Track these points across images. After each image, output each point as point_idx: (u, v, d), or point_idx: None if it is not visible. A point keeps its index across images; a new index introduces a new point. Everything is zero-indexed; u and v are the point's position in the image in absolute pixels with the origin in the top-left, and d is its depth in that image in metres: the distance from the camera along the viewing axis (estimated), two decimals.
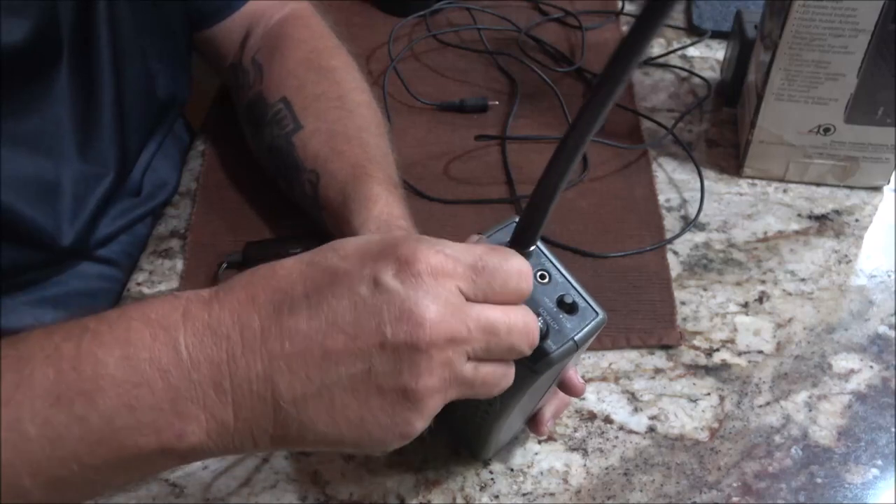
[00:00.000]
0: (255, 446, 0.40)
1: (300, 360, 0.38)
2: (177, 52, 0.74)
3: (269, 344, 0.38)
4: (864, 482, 0.57)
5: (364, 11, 0.96)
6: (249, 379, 0.38)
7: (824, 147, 0.75)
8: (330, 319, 0.38)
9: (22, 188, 0.59)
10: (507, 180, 0.77)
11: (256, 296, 0.39)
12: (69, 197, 0.63)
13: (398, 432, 0.40)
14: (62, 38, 0.60)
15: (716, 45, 0.93)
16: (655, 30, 0.33)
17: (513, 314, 0.41)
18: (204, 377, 0.38)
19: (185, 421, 0.38)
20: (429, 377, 0.39)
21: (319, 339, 0.38)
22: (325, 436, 0.39)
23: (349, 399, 0.39)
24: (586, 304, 0.46)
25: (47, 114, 0.61)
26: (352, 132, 0.67)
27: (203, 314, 0.39)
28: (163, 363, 0.38)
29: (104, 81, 0.63)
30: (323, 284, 0.39)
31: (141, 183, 0.73)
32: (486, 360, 0.41)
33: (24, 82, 0.59)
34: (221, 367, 0.38)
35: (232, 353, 0.38)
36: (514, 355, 0.42)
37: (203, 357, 0.38)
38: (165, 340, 0.38)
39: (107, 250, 0.70)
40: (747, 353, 0.64)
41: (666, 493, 0.56)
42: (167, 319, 0.39)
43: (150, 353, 0.38)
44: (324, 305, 0.38)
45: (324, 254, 0.40)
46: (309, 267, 0.40)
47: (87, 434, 0.38)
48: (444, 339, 0.38)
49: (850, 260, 0.72)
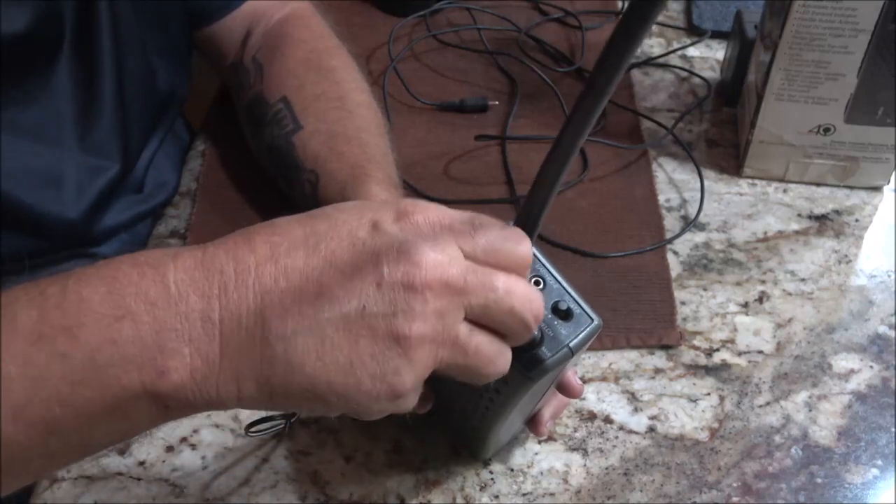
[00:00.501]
0: (238, 397, 0.38)
1: (294, 296, 0.38)
2: (177, 49, 0.74)
3: (263, 279, 0.38)
4: (864, 482, 0.57)
5: (364, 11, 0.96)
6: (240, 312, 0.37)
7: (824, 147, 0.75)
8: (327, 259, 0.38)
9: (23, 177, 0.60)
10: (507, 180, 0.77)
11: (253, 239, 0.39)
12: (71, 187, 0.63)
13: (387, 383, 0.38)
14: (64, 29, 0.60)
15: (716, 45, 0.93)
16: (647, 23, 0.33)
17: (513, 279, 0.40)
18: (192, 309, 0.37)
19: (169, 356, 0.37)
20: (422, 323, 0.38)
21: (315, 276, 0.38)
22: (312, 380, 0.38)
23: (340, 339, 0.38)
24: (581, 311, 0.46)
25: (48, 104, 0.61)
26: (352, 132, 0.67)
27: (197, 253, 0.38)
28: (149, 296, 0.37)
29: (105, 73, 0.63)
30: (322, 229, 0.39)
31: (143, 180, 0.73)
32: (483, 325, 0.40)
33: (26, 72, 0.59)
34: (211, 300, 0.37)
35: (224, 286, 0.38)
36: (515, 323, 0.41)
37: (193, 290, 0.37)
38: (153, 276, 0.37)
39: (107, 248, 0.70)
40: (747, 353, 0.64)
41: (666, 493, 0.56)
42: (157, 261, 0.38)
43: (137, 287, 0.37)
44: (321, 245, 0.38)
45: (323, 209, 0.41)
46: (308, 217, 0.40)
47: (69, 372, 0.37)
48: (440, 282, 0.38)
49: (850, 260, 0.72)
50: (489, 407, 0.49)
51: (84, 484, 0.56)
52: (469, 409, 0.51)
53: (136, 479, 0.56)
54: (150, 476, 0.56)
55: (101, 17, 0.62)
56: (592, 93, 0.35)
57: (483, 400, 0.49)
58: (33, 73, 0.60)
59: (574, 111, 0.37)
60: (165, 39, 0.71)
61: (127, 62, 0.65)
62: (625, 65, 0.35)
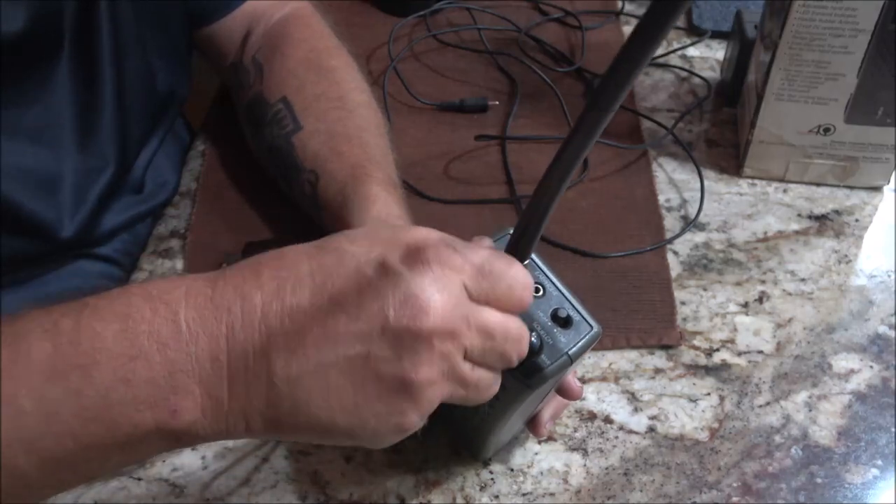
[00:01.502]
0: (247, 429, 0.39)
1: (299, 337, 0.38)
2: (177, 50, 0.74)
3: (269, 319, 0.38)
4: (864, 482, 0.57)
5: (364, 11, 0.96)
6: (246, 353, 0.38)
7: (824, 147, 0.75)
8: (333, 299, 0.38)
9: (22, 179, 0.59)
10: (507, 180, 0.77)
11: (261, 273, 0.39)
12: (70, 189, 0.63)
13: (393, 423, 0.39)
14: (64, 29, 0.60)
15: (716, 45, 0.93)
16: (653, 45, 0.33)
17: (510, 322, 0.41)
18: (202, 350, 0.38)
19: (181, 396, 0.38)
20: (428, 367, 0.38)
21: (321, 317, 0.38)
22: (317, 419, 0.39)
23: (345, 382, 0.38)
24: (581, 318, 0.46)
25: (48, 105, 0.61)
26: (352, 132, 0.67)
27: (206, 290, 0.39)
28: (161, 336, 0.38)
29: (105, 74, 0.63)
30: (329, 265, 0.39)
31: (143, 180, 0.73)
32: (478, 363, 0.41)
33: (26, 73, 0.59)
34: (220, 341, 0.38)
35: (231, 326, 0.38)
36: (503, 363, 0.42)
37: (202, 330, 0.38)
38: (166, 314, 0.38)
39: (107, 248, 0.70)
40: (747, 353, 0.64)
41: (666, 493, 0.56)
42: (169, 295, 0.38)
43: (150, 326, 0.38)
44: (328, 284, 0.38)
45: (333, 238, 0.40)
46: (317, 249, 0.40)
47: (82, 409, 0.37)
48: (445, 329, 0.38)
49: (850, 260, 0.72)
50: (489, 412, 0.49)
51: (84, 484, 0.56)
52: (469, 412, 0.51)
53: (136, 479, 0.56)
54: (150, 476, 0.56)
55: (101, 18, 0.62)
56: (595, 111, 0.35)
57: (483, 405, 0.49)
58: (34, 74, 0.59)
59: (575, 128, 0.36)
60: (165, 40, 0.71)
61: (126, 62, 0.65)
62: (629, 86, 0.34)
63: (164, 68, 0.72)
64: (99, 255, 0.70)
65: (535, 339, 0.44)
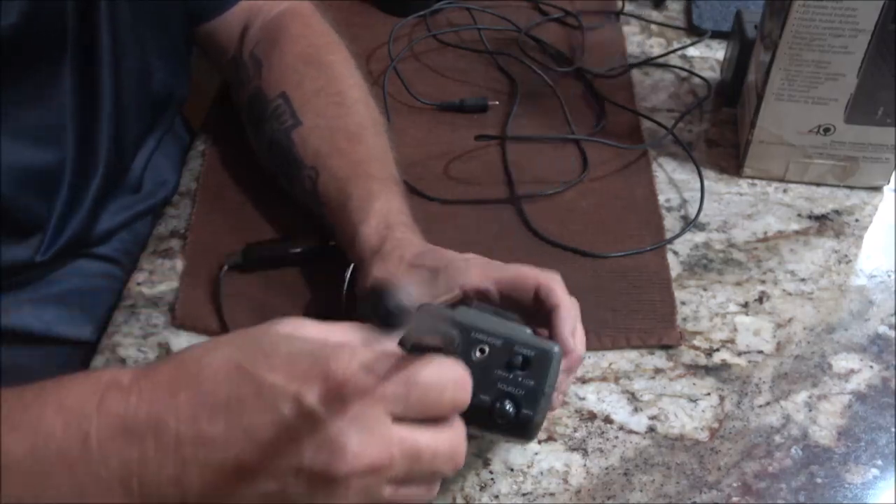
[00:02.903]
0: None
1: (213, 469, 0.37)
2: (177, 50, 0.74)
3: (184, 449, 0.37)
4: (864, 482, 0.57)
5: (364, 11, 0.96)
6: (159, 482, 0.38)
7: (824, 147, 0.75)
8: (248, 433, 0.37)
9: (22, 179, 0.59)
10: (507, 180, 0.77)
11: (177, 394, 0.38)
12: (68, 189, 0.63)
13: None
14: (66, 29, 0.59)
15: (716, 45, 0.93)
16: None
17: (441, 437, 0.40)
18: (113, 474, 0.37)
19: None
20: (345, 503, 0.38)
21: (235, 451, 0.37)
22: None
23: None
24: (535, 350, 0.45)
25: (50, 105, 0.61)
26: (352, 129, 0.67)
27: (120, 405, 0.38)
28: (71, 457, 0.37)
29: (104, 74, 0.63)
30: (246, 394, 0.38)
31: (141, 179, 0.73)
32: (406, 483, 0.40)
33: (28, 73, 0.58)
34: (131, 466, 0.37)
35: (143, 452, 0.37)
36: (435, 480, 0.41)
37: (113, 453, 0.38)
38: (76, 433, 0.38)
39: (107, 248, 0.70)
40: (747, 353, 0.64)
41: (666, 493, 0.56)
42: (82, 407, 0.38)
43: (59, 444, 0.37)
44: (244, 417, 0.37)
45: (254, 358, 0.39)
46: (237, 371, 0.38)
47: None
48: (363, 468, 0.37)
49: (850, 260, 0.72)
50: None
51: None
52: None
53: None
54: None
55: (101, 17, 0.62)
56: None
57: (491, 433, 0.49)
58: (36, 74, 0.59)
59: None
60: (165, 40, 0.71)
61: (125, 62, 0.65)
62: None
63: (163, 68, 0.72)
64: (99, 254, 0.69)
65: (510, 405, 0.44)
